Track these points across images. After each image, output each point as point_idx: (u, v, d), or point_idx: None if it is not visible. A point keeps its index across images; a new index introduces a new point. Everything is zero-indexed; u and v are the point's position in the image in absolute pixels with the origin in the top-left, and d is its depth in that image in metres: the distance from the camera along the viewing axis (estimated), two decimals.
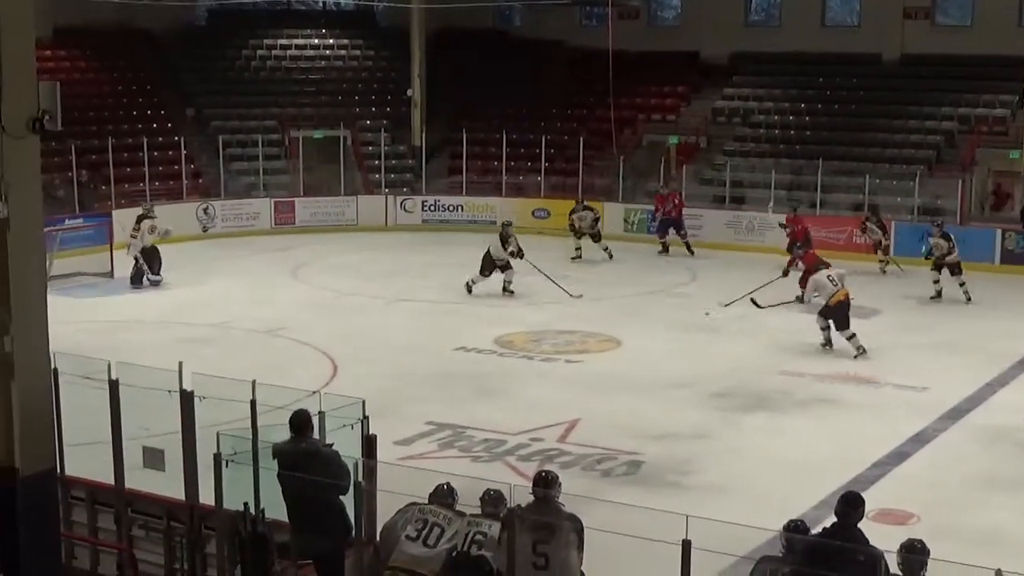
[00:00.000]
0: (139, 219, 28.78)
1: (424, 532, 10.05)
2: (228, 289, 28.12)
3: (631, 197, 36.75)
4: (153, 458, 12.84)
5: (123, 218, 32.36)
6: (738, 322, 24.73)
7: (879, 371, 21.35)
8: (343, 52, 44.46)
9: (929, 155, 35.37)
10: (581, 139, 37.86)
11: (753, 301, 24.87)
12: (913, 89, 37.61)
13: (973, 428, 18.53)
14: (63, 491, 12.93)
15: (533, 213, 37.22)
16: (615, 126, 37.38)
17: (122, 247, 30.11)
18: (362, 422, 11.60)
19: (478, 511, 10.29)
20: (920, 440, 17.87)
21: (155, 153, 36.76)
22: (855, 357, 22.02)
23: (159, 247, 28.90)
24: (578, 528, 9.79)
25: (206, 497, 11.90)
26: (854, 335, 22.32)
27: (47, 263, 27.67)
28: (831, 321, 22.44)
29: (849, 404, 19.75)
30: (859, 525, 9.48)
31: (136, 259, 28.33)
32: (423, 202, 38.45)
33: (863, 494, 10.22)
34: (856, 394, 20.23)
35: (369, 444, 11.41)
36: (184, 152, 37.42)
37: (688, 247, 33.33)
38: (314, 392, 13.96)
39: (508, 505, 9.94)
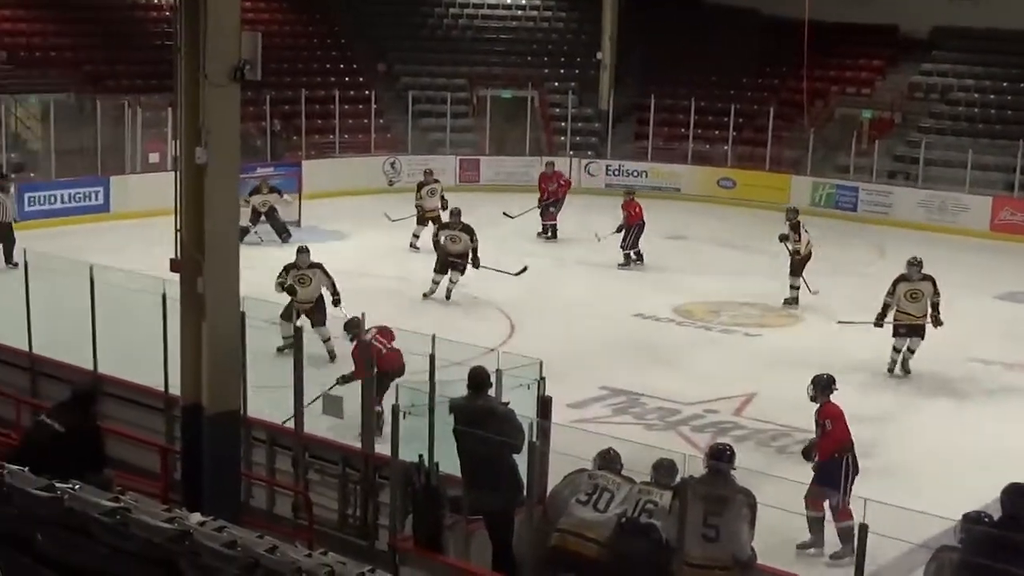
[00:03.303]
0: (250, 194, 28.53)
1: (595, 497, 10.08)
2: (428, 246, 28.34)
3: (820, 171, 36.25)
4: (333, 405, 13.10)
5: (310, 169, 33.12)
6: None
7: None
8: (535, 13, 44.47)
9: None
10: (771, 109, 37.47)
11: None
12: None
13: None
14: (245, 432, 13.25)
15: (719, 182, 36.98)
16: (807, 97, 36.82)
17: (310, 197, 30.76)
18: (539, 382, 11.67)
19: (648, 478, 10.31)
20: None
21: (346, 106, 37.41)
22: None
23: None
24: (751, 503, 9.76)
25: (381, 447, 12.09)
26: None
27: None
28: None
29: None
30: None
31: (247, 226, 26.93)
32: (607, 166, 38.39)
33: None
34: None
35: (544, 405, 11.48)
36: (374, 106, 37.89)
37: (552, 231, 30.91)
38: (492, 350, 14.11)
39: (680, 475, 9.93)
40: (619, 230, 27.58)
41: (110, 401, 14.65)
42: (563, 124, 39.84)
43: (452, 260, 23.51)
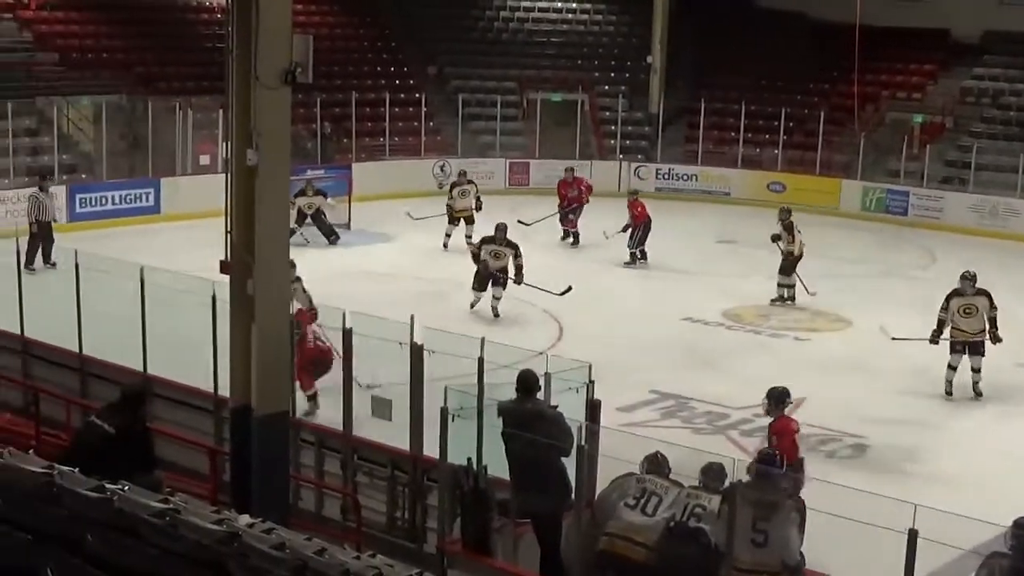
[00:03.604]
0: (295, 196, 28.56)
1: (642, 500, 10.04)
2: (458, 246, 28.39)
3: (871, 175, 36.07)
4: (381, 408, 13.11)
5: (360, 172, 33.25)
6: None
7: None
8: (585, 16, 44.45)
9: None
10: (822, 113, 37.33)
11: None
12: None
13: None
14: (293, 433, 13.29)
15: (768, 186, 36.86)
16: (858, 102, 36.64)
17: (360, 200, 30.92)
18: (587, 386, 11.65)
19: (696, 482, 10.27)
20: None
21: (396, 109, 37.56)
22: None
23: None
24: (800, 508, 9.72)
25: (430, 449, 12.09)
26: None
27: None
28: None
29: None
30: None
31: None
32: (657, 170, 38.32)
33: None
34: None
35: (593, 408, 11.46)
36: (424, 109, 37.99)
37: (574, 237, 30.14)
38: (541, 353, 14.09)
39: (729, 479, 9.89)
40: (625, 229, 27.64)
41: (159, 402, 14.77)
42: (613, 127, 39.81)
43: (494, 275, 22.69)
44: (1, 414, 15.13)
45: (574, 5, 44.63)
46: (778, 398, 13.25)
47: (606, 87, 41.40)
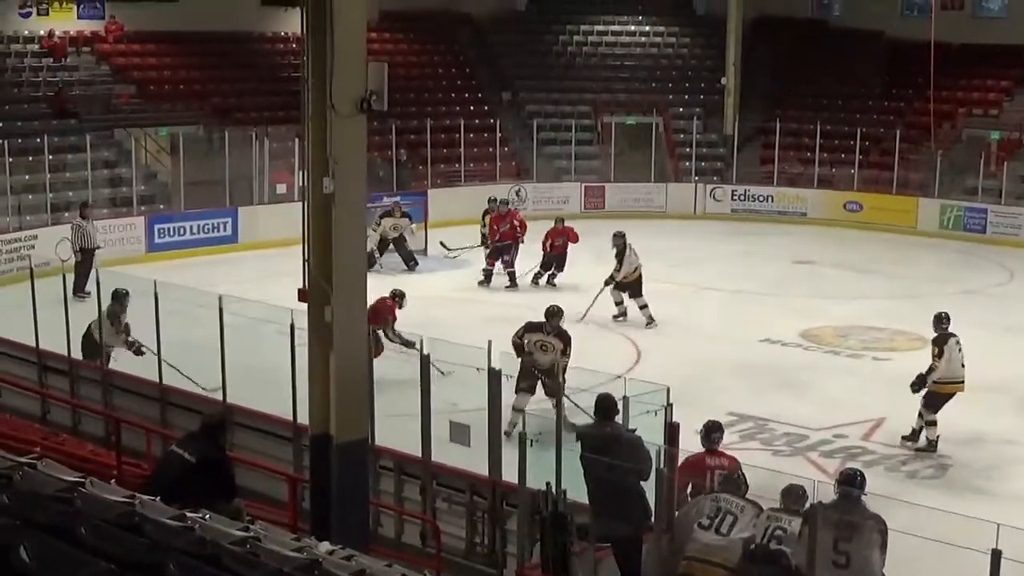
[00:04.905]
0: (381, 216, 28.90)
1: (716, 520, 10.00)
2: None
3: (948, 193, 35.75)
4: (459, 433, 13.12)
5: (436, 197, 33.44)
6: None
7: None
8: (659, 39, 44.41)
9: None
10: (898, 132, 37.04)
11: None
12: None
13: None
14: (373, 460, 13.33)
15: (845, 206, 36.64)
16: (934, 119, 36.31)
17: (436, 226, 31.04)
18: (666, 409, 11.62)
19: (777, 504, 10.20)
20: None
21: (471, 135, 37.67)
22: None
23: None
24: (882, 529, 9.62)
25: (508, 474, 12.10)
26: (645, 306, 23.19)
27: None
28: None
29: None
30: None
31: (373, 252, 26.89)
32: (733, 191, 38.19)
33: None
34: None
35: (672, 431, 11.42)
36: (499, 135, 38.12)
37: (510, 277, 27.41)
38: (619, 376, 14.07)
39: (810, 501, 9.82)
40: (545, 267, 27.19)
41: (239, 431, 14.87)
42: (688, 150, 39.72)
43: (538, 374, 16.93)
44: (83, 444, 15.29)
45: (647, 28, 44.63)
46: (704, 433, 12.09)
47: (680, 109, 41.29)
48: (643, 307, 23.64)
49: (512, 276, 27.25)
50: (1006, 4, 41.07)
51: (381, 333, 18.46)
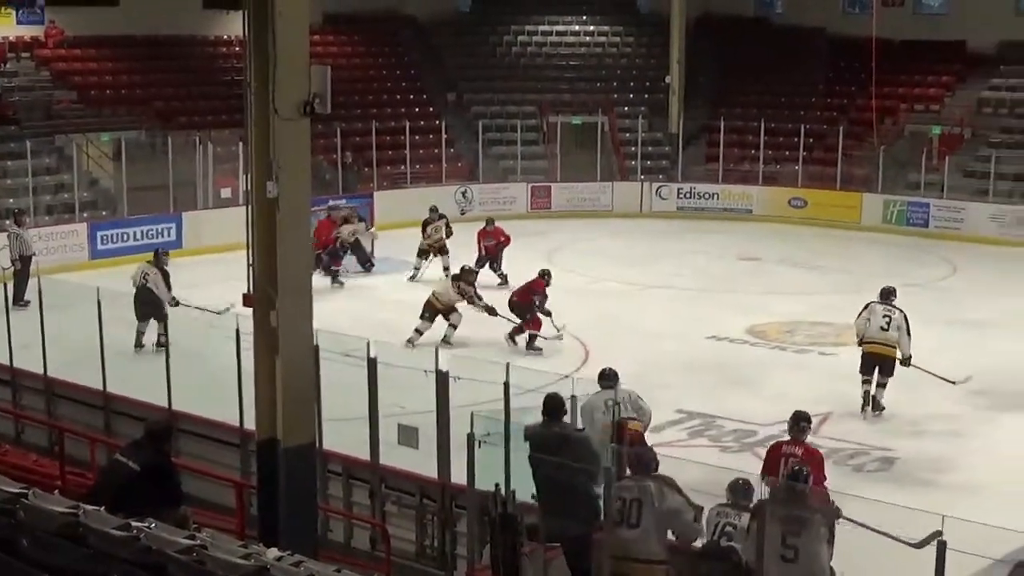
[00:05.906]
0: (340, 225, 28.76)
1: (626, 511, 10.01)
2: (484, 271, 28.39)
3: (891, 188, 36.01)
4: (408, 436, 13.09)
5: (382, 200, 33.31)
6: (1006, 317, 24.08)
7: None
8: (603, 39, 44.54)
9: None
10: (841, 128, 37.29)
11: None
12: None
13: None
14: (321, 464, 13.27)
15: (789, 202, 36.85)
16: (876, 115, 36.56)
17: (383, 228, 30.96)
18: (613, 408, 11.63)
19: (724, 500, 10.23)
20: None
21: (416, 137, 37.59)
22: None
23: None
24: (829, 522, 9.65)
25: (458, 476, 12.07)
26: None
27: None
28: None
29: None
30: None
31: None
32: (678, 189, 38.31)
33: None
34: None
35: (620, 430, 11.44)
36: (444, 136, 38.06)
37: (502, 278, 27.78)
38: (566, 376, 14.07)
39: (757, 496, 9.85)
40: (480, 263, 27.25)
41: (184, 437, 14.77)
42: (633, 148, 39.82)
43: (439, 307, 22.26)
44: (26, 455, 15.12)
45: (591, 28, 44.75)
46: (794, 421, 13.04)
47: (625, 108, 41.40)
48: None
49: (504, 277, 27.56)
50: (945, 1, 41.40)
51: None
